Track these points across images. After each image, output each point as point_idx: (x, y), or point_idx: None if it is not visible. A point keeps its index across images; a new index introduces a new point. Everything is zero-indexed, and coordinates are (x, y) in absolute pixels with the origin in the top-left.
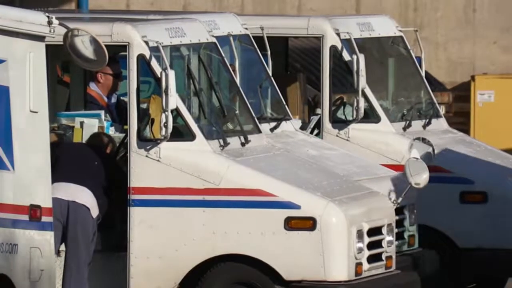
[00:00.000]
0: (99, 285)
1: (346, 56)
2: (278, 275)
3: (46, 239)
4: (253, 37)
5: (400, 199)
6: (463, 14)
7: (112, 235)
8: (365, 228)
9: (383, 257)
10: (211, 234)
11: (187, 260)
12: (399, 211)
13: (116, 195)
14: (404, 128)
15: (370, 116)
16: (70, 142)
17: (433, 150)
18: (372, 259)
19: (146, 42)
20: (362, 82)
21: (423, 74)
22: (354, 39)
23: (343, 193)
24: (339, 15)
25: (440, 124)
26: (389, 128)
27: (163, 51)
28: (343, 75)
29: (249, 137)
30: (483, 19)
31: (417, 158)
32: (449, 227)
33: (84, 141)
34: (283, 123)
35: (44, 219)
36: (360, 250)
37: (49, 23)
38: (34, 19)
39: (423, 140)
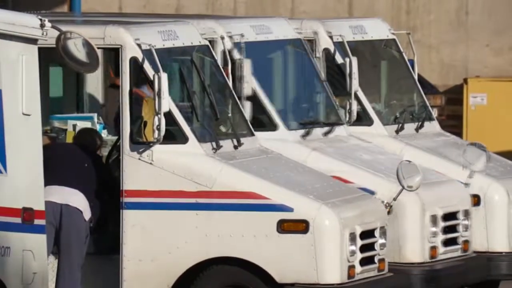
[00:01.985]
0: None
1: (338, 59)
2: (271, 278)
3: (38, 242)
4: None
5: (392, 202)
6: (456, 17)
7: (105, 238)
8: (358, 231)
9: (376, 260)
10: (204, 237)
11: (179, 263)
12: (452, 216)
13: (108, 197)
14: (397, 131)
15: (363, 119)
16: (60, 142)
17: (488, 155)
18: (364, 262)
19: (139, 45)
20: (355, 85)
21: (415, 77)
22: (347, 42)
23: (336, 196)
24: (332, 18)
25: (432, 127)
26: (382, 130)
27: (156, 54)
28: (335, 77)
29: (242, 140)
30: (476, 22)
31: (409, 161)
32: None
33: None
34: (336, 127)
35: (37, 222)
36: (352, 253)
37: (42, 26)
38: (26, 22)
39: (476, 145)
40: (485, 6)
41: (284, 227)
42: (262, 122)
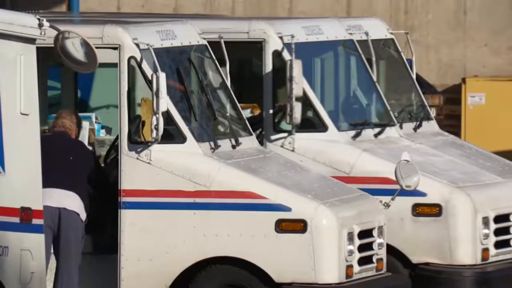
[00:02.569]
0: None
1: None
2: (268, 278)
3: (36, 241)
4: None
5: (390, 202)
6: (454, 17)
7: (103, 237)
8: (356, 230)
9: (374, 259)
10: (201, 236)
11: (177, 262)
12: (504, 218)
13: (103, 194)
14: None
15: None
16: (43, 135)
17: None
18: (363, 261)
19: (137, 45)
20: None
21: (414, 76)
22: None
23: (334, 195)
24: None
25: (431, 126)
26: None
27: (154, 54)
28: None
29: (240, 139)
30: (474, 21)
31: (407, 161)
32: None
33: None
34: (387, 129)
35: (35, 221)
36: (350, 252)
37: (40, 25)
38: (25, 22)
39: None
40: (483, 6)
41: (282, 226)
42: (312, 123)
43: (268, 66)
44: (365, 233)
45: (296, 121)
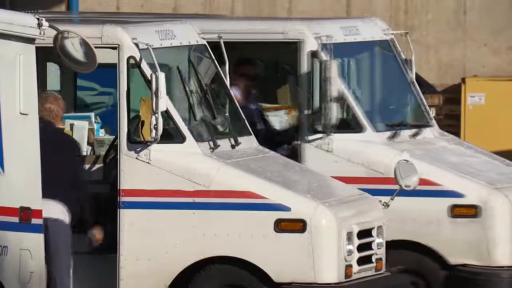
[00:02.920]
0: (88, 287)
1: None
2: (268, 278)
3: (36, 241)
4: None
5: (390, 202)
6: (454, 17)
7: (102, 237)
8: (355, 230)
9: (373, 259)
10: (201, 236)
11: (177, 262)
12: None
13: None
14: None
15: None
16: None
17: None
18: (362, 261)
19: (136, 44)
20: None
21: (413, 76)
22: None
23: (333, 195)
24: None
25: (431, 130)
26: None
27: (153, 54)
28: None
29: (239, 139)
30: (474, 21)
31: (407, 160)
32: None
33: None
34: (424, 129)
35: (34, 221)
36: (350, 252)
37: (39, 25)
38: (24, 22)
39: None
40: (483, 5)
41: (281, 226)
42: (348, 123)
43: (304, 66)
44: (364, 233)
45: (332, 122)
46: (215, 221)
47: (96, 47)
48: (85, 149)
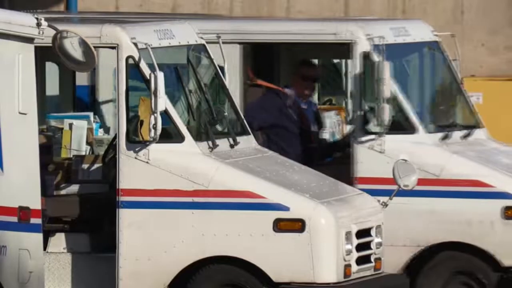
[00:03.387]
0: (87, 287)
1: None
2: (267, 277)
3: (35, 240)
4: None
5: (388, 201)
6: (452, 16)
7: (101, 236)
8: (354, 230)
9: (372, 259)
10: (200, 236)
11: (176, 262)
12: None
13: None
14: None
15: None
16: None
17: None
18: (361, 261)
19: (135, 44)
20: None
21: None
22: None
23: (332, 195)
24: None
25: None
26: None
27: (152, 53)
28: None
29: (238, 139)
30: (471, 21)
31: (405, 160)
32: None
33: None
34: (475, 130)
35: (33, 220)
36: (349, 252)
37: (38, 25)
38: (23, 21)
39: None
40: (480, 5)
41: (280, 226)
42: (401, 125)
43: (357, 67)
44: (363, 233)
45: (384, 123)
46: (214, 221)
47: (95, 47)
48: (84, 149)
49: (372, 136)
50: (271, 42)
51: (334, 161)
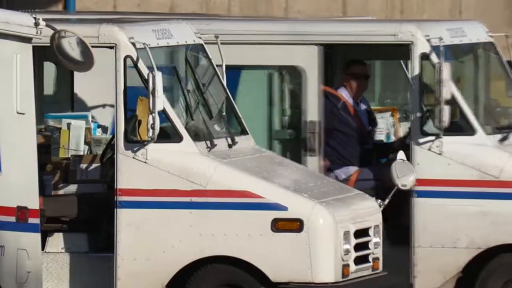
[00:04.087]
0: (85, 287)
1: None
2: (265, 277)
3: (33, 240)
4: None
5: (386, 201)
6: (449, 16)
7: (99, 236)
8: (352, 229)
9: (370, 258)
10: (198, 235)
11: (174, 261)
12: None
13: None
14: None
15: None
16: None
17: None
18: (359, 260)
19: (133, 44)
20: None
21: None
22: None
23: (330, 195)
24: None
25: None
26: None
27: (150, 53)
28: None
29: (236, 138)
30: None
31: (403, 160)
32: None
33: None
34: None
35: (31, 220)
36: (347, 251)
37: (36, 24)
38: (21, 21)
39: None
40: (478, 5)
41: (279, 226)
42: (460, 126)
43: (416, 69)
44: (361, 232)
45: (444, 124)
46: (212, 221)
47: (93, 47)
48: (82, 149)
49: (431, 138)
50: (329, 43)
51: (389, 162)
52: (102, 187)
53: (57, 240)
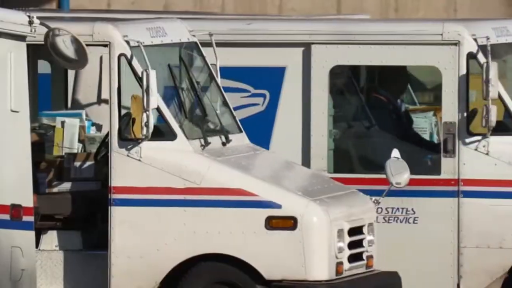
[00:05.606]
0: (79, 285)
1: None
2: (259, 275)
3: (27, 238)
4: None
5: (380, 199)
6: (444, 14)
7: (93, 234)
8: (346, 227)
9: (364, 256)
10: (192, 233)
11: (168, 259)
12: None
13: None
14: None
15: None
16: None
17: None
18: (353, 258)
19: (127, 42)
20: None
21: None
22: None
23: (324, 192)
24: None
25: None
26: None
27: (144, 51)
28: None
29: (230, 136)
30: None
31: (398, 158)
32: None
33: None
34: None
35: (25, 218)
36: (341, 249)
37: (30, 22)
38: (15, 19)
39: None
40: (473, 3)
41: (272, 223)
42: (506, 126)
43: (462, 68)
44: (355, 230)
45: (492, 124)
46: (206, 219)
47: (87, 45)
48: (76, 147)
49: (477, 138)
50: (374, 43)
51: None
52: (96, 185)
53: (51, 238)
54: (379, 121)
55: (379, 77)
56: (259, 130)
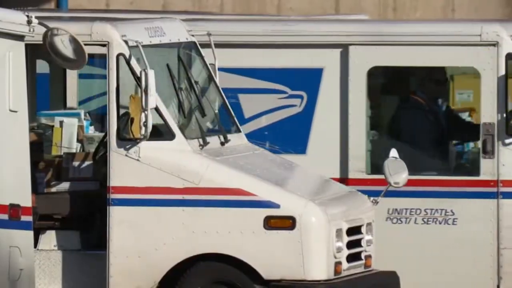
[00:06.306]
0: (78, 285)
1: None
2: (257, 274)
3: (25, 238)
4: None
5: (379, 199)
6: (442, 14)
7: (92, 234)
8: (344, 227)
9: (363, 256)
10: (190, 233)
11: (166, 259)
12: None
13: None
14: None
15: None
16: None
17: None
18: (351, 258)
19: (126, 42)
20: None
21: None
22: None
23: (322, 192)
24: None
25: None
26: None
27: (143, 51)
28: None
29: (229, 136)
30: (462, 19)
31: (396, 158)
32: None
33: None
34: None
35: (24, 218)
36: (339, 249)
37: (29, 22)
38: (13, 19)
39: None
40: (471, 3)
41: (271, 223)
42: None
43: (501, 69)
44: (354, 230)
45: None
46: (205, 218)
47: (85, 44)
48: (75, 146)
49: None
50: (412, 44)
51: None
52: (94, 185)
53: (49, 238)
54: (417, 122)
55: (417, 78)
56: (296, 131)
